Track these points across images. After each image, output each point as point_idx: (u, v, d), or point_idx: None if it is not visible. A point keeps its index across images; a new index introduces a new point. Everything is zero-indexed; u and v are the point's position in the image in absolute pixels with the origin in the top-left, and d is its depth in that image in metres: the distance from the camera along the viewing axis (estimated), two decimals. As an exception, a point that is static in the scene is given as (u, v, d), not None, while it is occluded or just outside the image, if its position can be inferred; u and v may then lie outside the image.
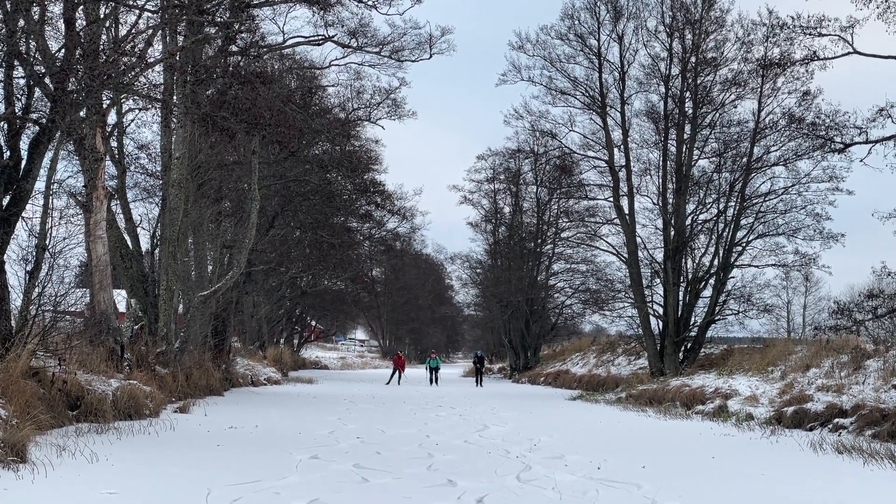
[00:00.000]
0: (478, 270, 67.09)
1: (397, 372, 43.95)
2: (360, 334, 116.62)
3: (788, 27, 21.87)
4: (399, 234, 62.31)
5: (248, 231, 29.45)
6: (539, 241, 55.51)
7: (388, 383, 41.55)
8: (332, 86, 39.03)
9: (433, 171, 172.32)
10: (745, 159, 32.80)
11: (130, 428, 15.10)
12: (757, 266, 33.98)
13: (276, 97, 26.79)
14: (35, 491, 9.13)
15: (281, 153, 34.01)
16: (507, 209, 59.63)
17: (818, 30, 21.09)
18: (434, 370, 44.36)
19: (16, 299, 16.88)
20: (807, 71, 24.16)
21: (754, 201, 33.20)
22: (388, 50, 33.04)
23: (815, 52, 21.62)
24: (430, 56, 33.24)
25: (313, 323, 78.33)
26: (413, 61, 33.56)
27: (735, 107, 33.61)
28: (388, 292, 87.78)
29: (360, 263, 61.36)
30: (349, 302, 70.72)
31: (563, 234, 51.94)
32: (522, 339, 55.72)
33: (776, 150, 32.45)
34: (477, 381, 45.50)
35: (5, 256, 16.22)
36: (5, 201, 16.05)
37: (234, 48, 25.90)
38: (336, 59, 34.42)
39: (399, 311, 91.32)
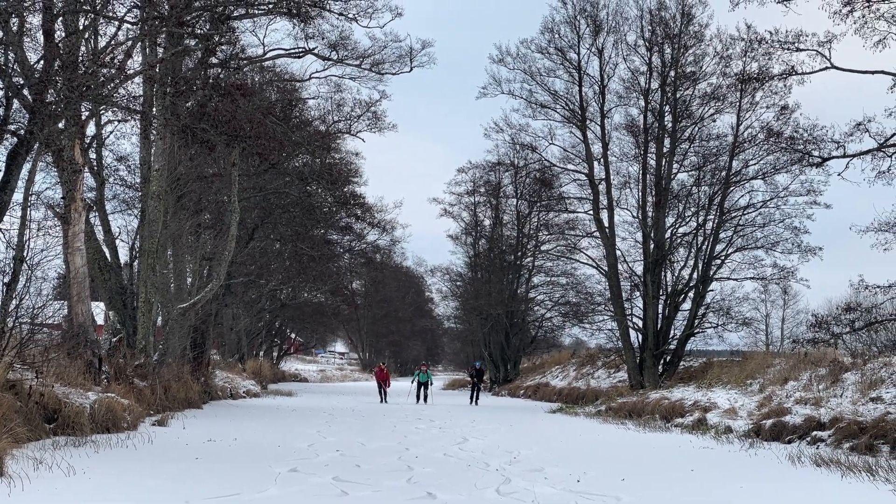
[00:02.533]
0: (458, 283, 67.04)
1: (382, 387, 39.04)
2: (339, 347, 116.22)
3: (766, 42, 22.08)
4: (379, 247, 62.35)
5: (227, 243, 29.34)
6: (519, 253, 55.56)
7: (381, 402, 37.43)
8: (313, 98, 38.99)
9: (414, 184, 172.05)
10: (723, 173, 33.06)
11: (108, 441, 14.99)
12: (736, 279, 34.24)
13: (257, 109, 26.75)
14: (11, 505, 9.06)
15: (261, 165, 33.91)
16: (487, 222, 59.77)
17: (796, 45, 21.29)
18: (423, 385, 38.12)
19: (-8, 311, 16.76)
20: (785, 85, 24.47)
21: (733, 215, 33.44)
22: (369, 63, 33.03)
23: (793, 67, 21.82)
24: (411, 69, 33.25)
25: (293, 335, 78.11)
26: (394, 74, 33.54)
27: (714, 121, 33.97)
28: (368, 305, 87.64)
29: (339, 276, 61.32)
30: (329, 314, 70.61)
31: (543, 247, 51.84)
32: (502, 352, 55.70)
33: (755, 164, 32.78)
34: (472, 398, 39.13)
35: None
36: (-18, 213, 15.96)
37: (213, 60, 25.84)
38: (316, 71, 34.42)
39: (379, 323, 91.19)
